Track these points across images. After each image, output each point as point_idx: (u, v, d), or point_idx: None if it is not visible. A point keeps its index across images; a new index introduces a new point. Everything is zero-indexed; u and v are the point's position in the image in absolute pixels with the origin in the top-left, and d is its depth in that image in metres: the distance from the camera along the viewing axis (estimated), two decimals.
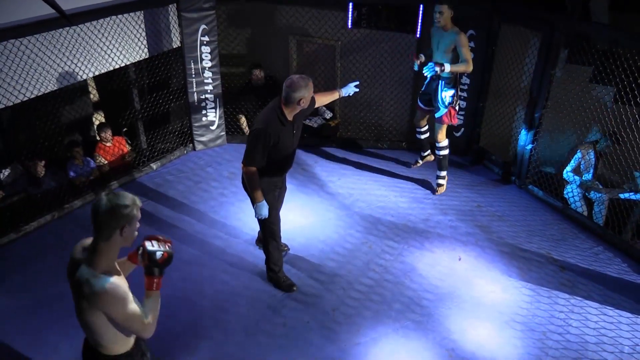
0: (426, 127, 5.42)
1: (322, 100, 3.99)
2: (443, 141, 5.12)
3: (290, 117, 3.50)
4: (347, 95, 4.07)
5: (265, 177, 3.63)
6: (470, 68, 4.68)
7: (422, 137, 5.48)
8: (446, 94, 4.86)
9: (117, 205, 2.04)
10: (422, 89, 5.16)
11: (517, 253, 4.50)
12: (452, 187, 5.41)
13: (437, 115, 4.99)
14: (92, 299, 2.03)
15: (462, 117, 5.75)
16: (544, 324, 3.80)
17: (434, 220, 4.90)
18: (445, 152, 5.18)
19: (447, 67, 4.63)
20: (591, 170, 5.08)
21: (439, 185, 5.32)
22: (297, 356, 3.49)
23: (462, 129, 5.84)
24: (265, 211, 3.65)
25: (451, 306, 3.94)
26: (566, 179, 5.20)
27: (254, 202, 3.65)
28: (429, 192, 5.32)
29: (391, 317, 3.82)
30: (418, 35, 5.68)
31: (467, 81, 5.60)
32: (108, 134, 5.54)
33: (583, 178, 5.11)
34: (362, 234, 4.69)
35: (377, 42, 5.94)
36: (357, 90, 4.09)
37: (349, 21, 5.87)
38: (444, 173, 5.29)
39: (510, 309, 3.92)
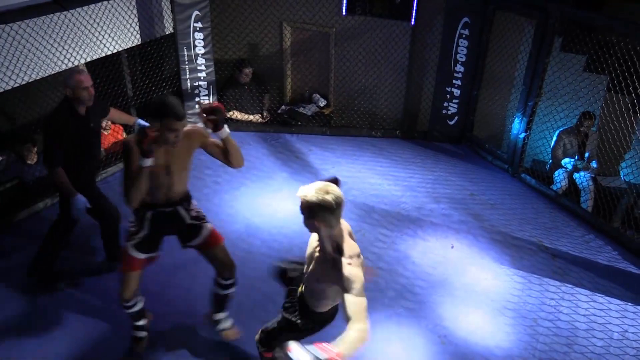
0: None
1: (119, 116, 4.07)
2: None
3: (80, 111, 3.44)
4: (139, 126, 3.83)
5: (72, 176, 3.50)
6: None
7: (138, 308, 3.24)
8: None
9: (338, 197, 2.41)
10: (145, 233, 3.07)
11: (509, 241, 4.53)
12: (446, 176, 5.43)
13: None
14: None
15: (455, 106, 5.75)
16: (534, 311, 3.85)
17: (427, 208, 4.92)
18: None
19: None
20: (574, 155, 5.12)
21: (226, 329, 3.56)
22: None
23: (456, 118, 5.84)
24: (81, 205, 3.53)
25: (443, 293, 3.97)
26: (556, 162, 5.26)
27: (69, 196, 3.52)
28: (422, 180, 5.34)
29: (384, 304, 3.85)
30: (413, 23, 5.64)
31: (462, 69, 5.58)
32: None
33: (565, 161, 5.16)
34: (355, 222, 4.69)
35: (372, 29, 5.90)
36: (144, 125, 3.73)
37: (344, 8, 5.83)
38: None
39: (502, 296, 3.97)
